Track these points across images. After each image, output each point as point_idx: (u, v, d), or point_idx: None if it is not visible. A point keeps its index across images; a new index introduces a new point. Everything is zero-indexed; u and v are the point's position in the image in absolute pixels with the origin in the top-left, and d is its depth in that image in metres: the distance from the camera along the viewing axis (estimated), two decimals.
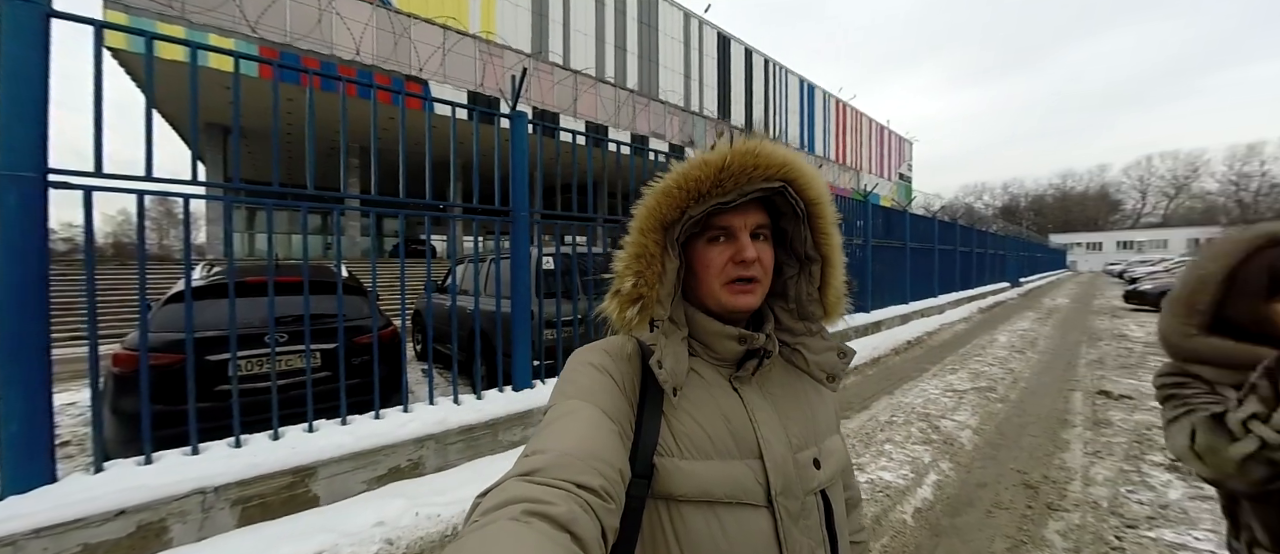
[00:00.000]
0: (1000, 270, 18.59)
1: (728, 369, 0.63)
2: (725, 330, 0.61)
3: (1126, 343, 8.07)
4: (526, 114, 3.33)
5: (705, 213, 0.59)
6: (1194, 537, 2.44)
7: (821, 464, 0.63)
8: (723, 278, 0.61)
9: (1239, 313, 0.85)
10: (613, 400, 0.57)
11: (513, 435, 2.97)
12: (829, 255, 0.65)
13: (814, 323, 0.67)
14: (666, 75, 20.36)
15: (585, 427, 0.52)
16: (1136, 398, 4.90)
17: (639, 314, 0.59)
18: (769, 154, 0.58)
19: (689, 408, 0.59)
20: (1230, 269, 0.87)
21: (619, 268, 0.61)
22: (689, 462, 0.57)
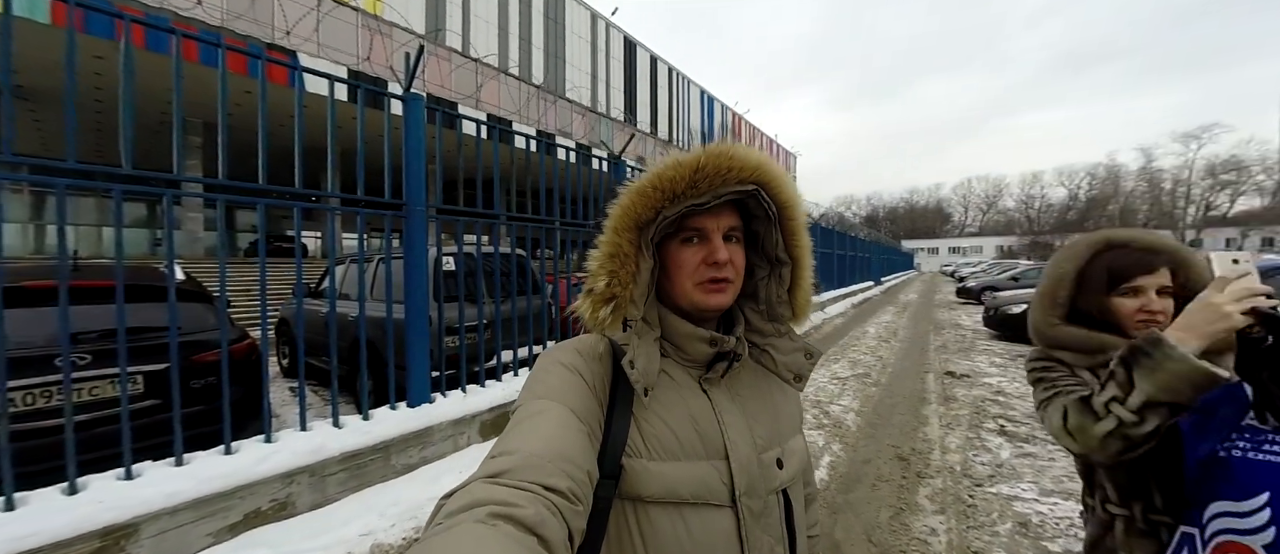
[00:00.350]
0: (866, 271, 21.38)
1: (697, 371, 0.64)
2: (696, 332, 0.62)
3: (961, 330, 9.72)
4: (422, 97, 2.99)
5: (679, 214, 0.59)
6: (1022, 488, 2.96)
7: (784, 464, 0.64)
8: (696, 278, 0.61)
9: (1088, 305, 0.99)
10: (582, 400, 0.57)
11: (409, 457, 2.64)
12: (799, 257, 0.66)
13: (783, 324, 0.68)
14: (573, 73, 20.10)
15: (554, 427, 0.52)
16: (973, 376, 5.89)
17: (612, 314, 0.59)
18: (743, 157, 0.59)
19: (658, 409, 0.60)
20: (1080, 268, 1.01)
21: (592, 267, 0.60)
22: (657, 463, 0.58)
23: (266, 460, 2.11)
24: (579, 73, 20.40)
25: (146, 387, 2.39)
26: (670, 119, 26.55)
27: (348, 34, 12.83)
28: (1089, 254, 1.02)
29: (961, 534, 2.49)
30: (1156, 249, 0.98)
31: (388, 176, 2.80)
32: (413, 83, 2.92)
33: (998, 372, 6.12)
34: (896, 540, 2.44)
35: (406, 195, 2.91)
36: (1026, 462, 3.34)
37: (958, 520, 2.62)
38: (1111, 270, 0.98)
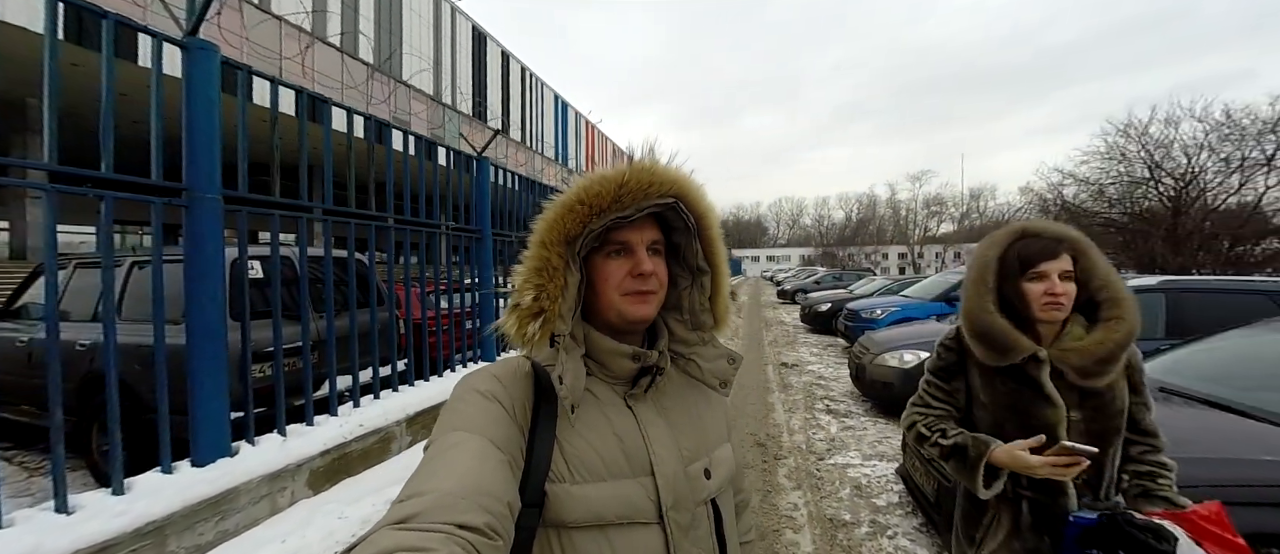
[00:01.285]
0: None
1: (622, 387, 0.64)
2: (620, 349, 0.62)
3: (785, 326, 11.46)
4: (216, 48, 2.25)
5: (603, 228, 0.60)
6: (851, 457, 3.55)
7: (712, 474, 0.65)
8: (622, 289, 0.62)
9: (1007, 290, 1.11)
10: (502, 428, 0.56)
11: (200, 536, 1.93)
12: (717, 266, 0.69)
13: (706, 332, 0.70)
14: (413, 59, 17.94)
15: (470, 460, 0.50)
16: (799, 365, 6.95)
17: (541, 329, 0.58)
18: (663, 172, 0.62)
19: (582, 429, 0.59)
20: (1000, 255, 1.12)
21: (518, 282, 0.60)
22: (580, 486, 0.57)
23: None
24: (420, 59, 18.31)
25: None
26: (523, 120, 25.67)
27: None
28: (1006, 242, 1.13)
29: (817, 505, 2.85)
30: (1060, 238, 1.09)
31: (156, 151, 2.02)
32: (201, 25, 2.17)
33: (816, 360, 7.34)
34: (769, 521, 2.68)
35: (189, 176, 2.15)
36: (850, 434, 4.04)
37: (812, 493, 3.01)
38: (1022, 257, 1.09)
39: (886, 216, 69.72)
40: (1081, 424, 1.07)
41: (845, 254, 60.38)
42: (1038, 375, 1.06)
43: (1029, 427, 1.08)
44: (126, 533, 1.71)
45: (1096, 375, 1.04)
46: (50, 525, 1.61)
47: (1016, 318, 1.10)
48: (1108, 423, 1.07)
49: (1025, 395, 1.08)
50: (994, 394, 1.13)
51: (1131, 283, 4.13)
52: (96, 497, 1.83)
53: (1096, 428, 1.07)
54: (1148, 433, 1.11)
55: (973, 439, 1.10)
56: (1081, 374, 1.04)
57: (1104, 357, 1.03)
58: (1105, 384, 1.05)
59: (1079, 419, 1.07)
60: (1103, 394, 1.06)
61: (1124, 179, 11.57)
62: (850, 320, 7.63)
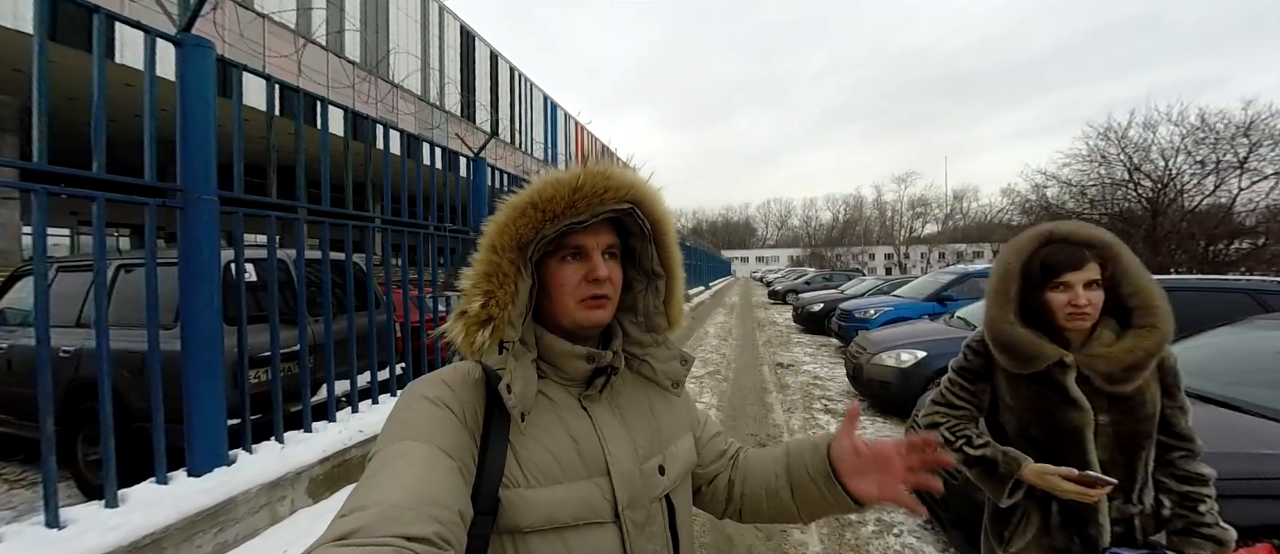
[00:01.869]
0: (698, 277, 23.85)
1: (577, 388, 0.64)
2: (573, 350, 0.62)
3: (778, 327, 11.52)
4: (211, 46, 2.18)
5: (558, 232, 0.59)
6: None
7: (666, 470, 0.66)
8: (577, 295, 0.62)
9: (1031, 299, 1.10)
10: (451, 436, 0.55)
11: (200, 547, 1.87)
12: (672, 270, 0.69)
13: (660, 334, 0.71)
14: (401, 58, 17.71)
15: (417, 470, 0.49)
16: (795, 364, 6.99)
17: (490, 337, 0.57)
18: (619, 177, 0.61)
19: (536, 432, 0.59)
20: (1024, 262, 1.10)
21: (466, 287, 0.59)
22: (535, 490, 0.57)
23: None
24: (408, 58, 18.07)
25: None
26: (512, 121, 25.49)
27: None
28: (1031, 249, 1.10)
29: None
30: (1088, 243, 1.05)
31: (149, 150, 1.95)
32: (195, 22, 2.11)
33: (811, 360, 7.40)
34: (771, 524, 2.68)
35: (184, 178, 2.08)
36: None
37: None
38: (1045, 266, 1.07)
39: (873, 217, 70.68)
40: (1109, 428, 1.06)
41: (833, 255, 61.00)
42: (1064, 380, 1.06)
43: (1055, 430, 1.08)
44: (123, 547, 1.64)
45: (1125, 381, 1.03)
46: (41, 540, 1.54)
47: (1043, 324, 1.10)
48: (1137, 426, 1.06)
49: (1051, 400, 1.08)
50: (1020, 398, 1.13)
51: None
52: (89, 510, 1.76)
53: (1125, 431, 1.06)
54: (1183, 437, 1.10)
55: (1003, 454, 1.11)
56: (1109, 380, 1.04)
57: (1133, 364, 1.02)
58: (1134, 389, 1.05)
59: (1107, 423, 1.06)
60: (1132, 398, 1.05)
61: (1104, 181, 11.87)
62: (844, 320, 7.69)
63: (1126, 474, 1.07)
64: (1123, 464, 1.07)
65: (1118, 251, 1.07)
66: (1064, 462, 1.08)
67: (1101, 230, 1.11)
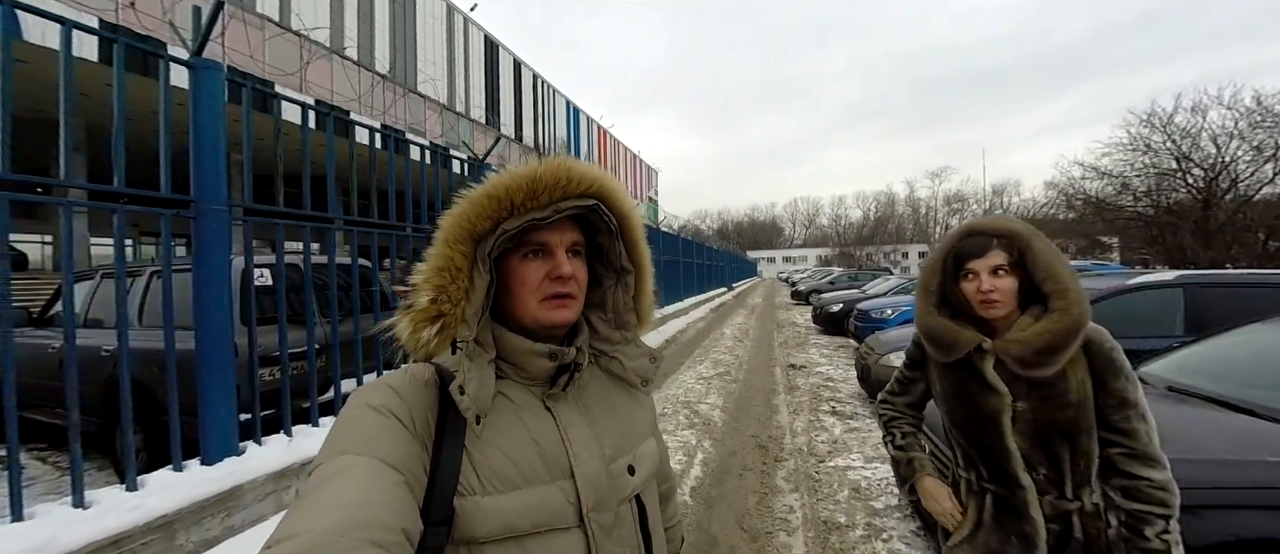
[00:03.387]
0: (721, 277, 23.67)
1: (540, 388, 0.61)
2: (535, 347, 0.59)
3: (797, 327, 11.33)
4: (220, 66, 2.36)
5: (520, 228, 0.57)
6: (853, 459, 3.51)
7: (636, 470, 0.64)
8: (540, 293, 0.59)
9: (948, 292, 1.13)
10: (397, 446, 0.51)
11: (208, 531, 2.03)
12: (641, 265, 0.68)
13: (629, 330, 0.69)
14: (427, 67, 18.34)
15: (356, 488, 0.45)
16: (808, 366, 6.87)
17: (438, 335, 0.55)
18: (580, 171, 0.59)
19: (494, 436, 0.56)
20: (943, 257, 1.13)
21: (416, 282, 0.56)
22: (493, 497, 0.54)
23: None
24: (433, 67, 18.70)
25: None
26: (536, 126, 25.97)
27: None
28: (951, 244, 1.14)
29: (813, 507, 2.83)
30: (995, 233, 1.08)
31: (165, 163, 2.13)
32: (206, 46, 2.29)
33: (826, 361, 7.26)
34: (763, 523, 2.68)
35: (196, 190, 2.26)
36: (853, 436, 3.99)
37: (809, 495, 2.99)
38: (956, 257, 1.11)
39: (906, 215, 68.38)
40: (1028, 414, 1.06)
41: (863, 254, 59.31)
42: (981, 366, 1.08)
43: (976, 416, 1.11)
44: (138, 527, 1.81)
45: (1038, 366, 1.02)
46: (67, 519, 1.71)
47: (969, 316, 1.12)
48: (1057, 414, 1.04)
49: (972, 386, 1.10)
50: (946, 385, 1.17)
51: (1145, 278, 3.99)
52: (112, 492, 1.94)
53: (1043, 418, 1.05)
54: (1119, 431, 1.05)
55: (908, 459, 1.27)
56: (1022, 364, 1.04)
57: (1043, 347, 1.01)
58: (1051, 375, 1.03)
59: (1025, 409, 1.06)
60: (1052, 385, 1.04)
61: (1150, 171, 11.12)
62: (860, 320, 7.52)
63: (1051, 464, 1.06)
64: (1045, 453, 1.07)
65: (1028, 240, 1.08)
66: (984, 446, 1.11)
67: (1013, 220, 1.13)
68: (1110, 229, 13.60)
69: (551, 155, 0.61)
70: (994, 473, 1.11)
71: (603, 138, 35.24)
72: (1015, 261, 1.07)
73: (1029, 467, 1.07)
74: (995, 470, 1.10)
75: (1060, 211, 16.23)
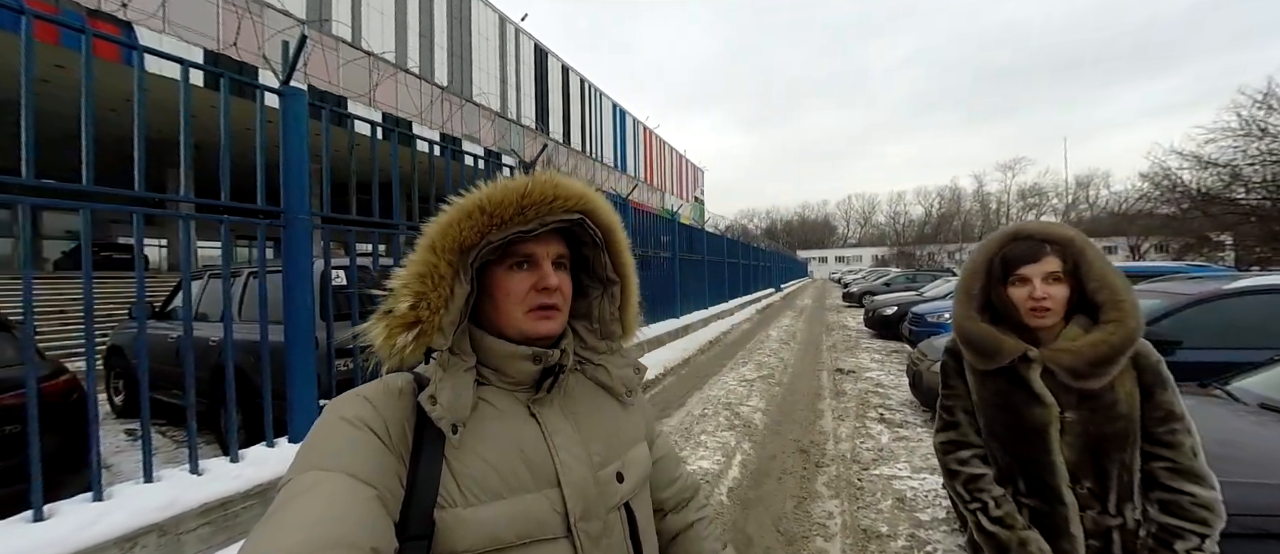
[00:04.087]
0: (768, 278, 23.16)
1: (525, 393, 0.61)
2: (518, 351, 0.59)
3: (847, 331, 10.92)
4: (304, 92, 2.67)
5: (505, 240, 0.57)
6: (899, 468, 3.39)
7: (624, 477, 0.63)
8: (526, 304, 0.59)
9: (995, 296, 1.10)
10: (370, 459, 0.50)
11: None
12: (626, 276, 0.69)
13: (614, 341, 0.70)
14: (481, 77, 19.28)
15: (323, 505, 0.44)
16: (857, 371, 6.64)
17: (414, 341, 0.54)
18: (568, 187, 0.60)
19: (475, 444, 0.55)
20: (988, 259, 1.10)
21: (395, 286, 0.55)
22: (474, 509, 0.52)
23: (95, 524, 1.71)
24: (487, 77, 19.63)
25: None
26: (583, 130, 26.57)
27: (204, 14, 11.06)
28: (997, 247, 1.10)
29: (853, 515, 2.78)
30: (1048, 238, 1.04)
31: (261, 180, 2.45)
32: (293, 75, 2.60)
33: (877, 366, 6.97)
34: (800, 527, 2.66)
35: (286, 202, 2.57)
36: (901, 444, 3.84)
37: (849, 502, 2.93)
38: (1005, 261, 1.08)
39: (973, 211, 63.63)
40: (1078, 426, 1.03)
41: (924, 253, 55.73)
42: (1027, 375, 1.05)
43: (1020, 427, 1.07)
44: (239, 493, 2.10)
45: (1090, 377, 1.00)
46: (185, 483, 2.03)
47: (1012, 322, 1.09)
48: (1107, 426, 1.02)
49: (1017, 396, 1.07)
50: (986, 394, 1.12)
51: (1248, 281, 3.56)
52: (219, 463, 2.26)
53: (1094, 431, 1.02)
54: (1165, 445, 1.02)
55: (1020, 543, 1.02)
56: (1073, 375, 1.01)
57: (1096, 359, 0.99)
58: (1104, 386, 1.01)
59: (1074, 420, 1.03)
60: (1101, 396, 1.01)
61: (1267, 159, 9.72)
62: (915, 324, 7.16)
63: (1098, 479, 1.03)
64: (1092, 467, 1.03)
65: (1082, 246, 1.05)
66: (1027, 459, 1.07)
67: (1066, 226, 1.09)
68: (1218, 225, 11.99)
69: (541, 172, 0.62)
70: (1034, 487, 1.07)
71: (648, 138, 35.43)
72: (1068, 269, 1.04)
73: (1073, 480, 1.03)
74: (1036, 484, 1.06)
75: (1159, 206, 14.50)
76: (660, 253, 8.64)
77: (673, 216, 9.86)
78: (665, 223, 9.31)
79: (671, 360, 6.85)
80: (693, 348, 7.86)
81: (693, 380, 6.27)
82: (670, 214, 10.01)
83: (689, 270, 10.24)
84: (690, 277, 10.31)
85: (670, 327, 8.21)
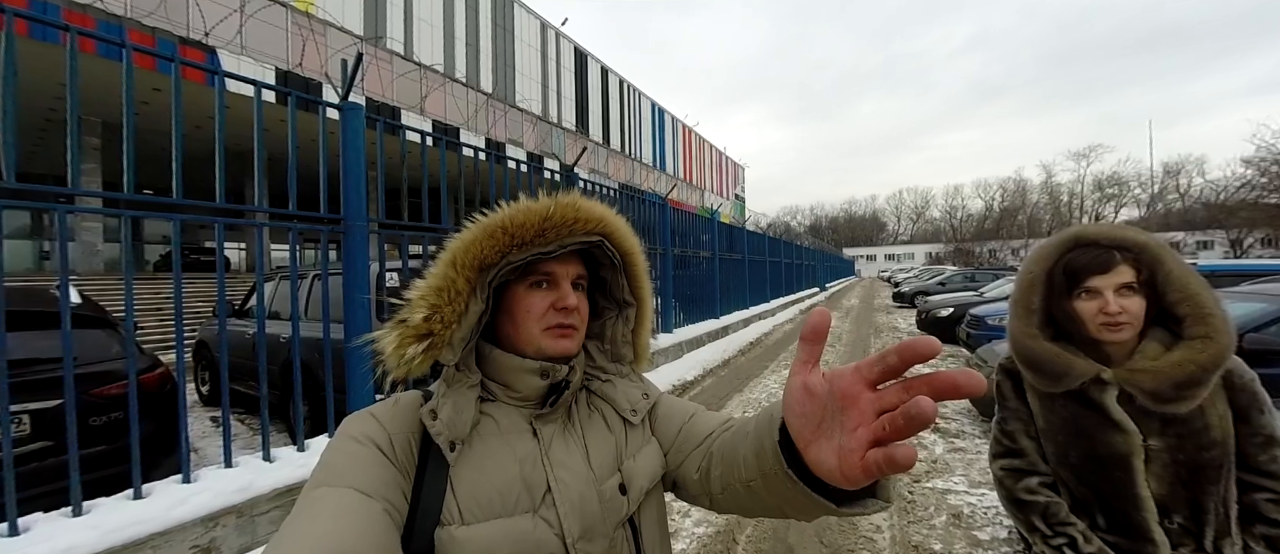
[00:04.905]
0: (812, 277, 22.43)
1: (529, 409, 0.60)
2: (527, 365, 0.59)
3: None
4: (361, 107, 2.85)
5: (525, 260, 0.58)
6: (954, 481, 3.20)
7: (628, 488, 0.61)
8: (544, 323, 0.59)
9: (1056, 309, 0.99)
10: (375, 474, 0.50)
11: None
12: (642, 299, 0.68)
13: (624, 365, 0.69)
14: (523, 83, 19.84)
15: (327, 521, 0.44)
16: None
17: (423, 353, 0.54)
18: (588, 209, 0.60)
19: (476, 461, 0.55)
20: (1048, 270, 0.99)
21: (412, 297, 0.56)
22: (471, 527, 0.52)
23: (185, 503, 1.90)
24: (529, 82, 20.18)
25: (34, 428, 2.09)
26: (622, 130, 26.76)
27: (275, 37, 12.01)
28: (1056, 255, 0.98)
29: (903, 529, 2.65)
30: (1117, 244, 0.94)
31: (324, 189, 2.64)
32: (351, 91, 2.77)
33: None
34: (845, 540, 2.56)
35: (345, 210, 2.75)
36: (958, 456, 3.62)
37: (899, 516, 2.79)
38: (1068, 272, 0.96)
39: (1041, 204, 58.81)
40: (1165, 455, 0.91)
41: (984, 250, 52.07)
42: (1102, 399, 0.94)
43: (1097, 457, 0.96)
44: (304, 480, 2.26)
45: (1175, 401, 0.89)
46: (257, 469, 2.21)
47: (1078, 338, 0.98)
48: (1199, 455, 0.90)
49: (1090, 421, 0.96)
50: (1055, 419, 1.01)
51: None
52: (287, 451, 2.45)
53: (1184, 458, 0.91)
54: (1267, 474, 0.90)
55: None
56: (1156, 399, 0.89)
57: (1183, 381, 0.88)
58: (1190, 410, 0.90)
59: (1161, 448, 0.92)
60: (1189, 421, 0.90)
61: None
62: (973, 328, 6.70)
63: (1191, 514, 0.92)
64: (1185, 500, 0.92)
65: (1158, 253, 0.93)
66: (1107, 492, 0.96)
67: (1137, 230, 0.96)
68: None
69: (563, 194, 0.61)
70: (1116, 522, 0.95)
71: (687, 136, 35.22)
72: (1144, 280, 0.93)
73: (1163, 515, 0.92)
74: (1118, 519, 0.95)
75: (1266, 195, 12.85)
76: (699, 252, 8.57)
77: (712, 215, 9.75)
78: (704, 221, 9.22)
79: (711, 361, 6.77)
80: (733, 349, 7.74)
81: (733, 382, 6.17)
82: (709, 213, 9.90)
83: (729, 270, 10.08)
84: (730, 276, 10.16)
85: (709, 327, 8.12)
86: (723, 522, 2.73)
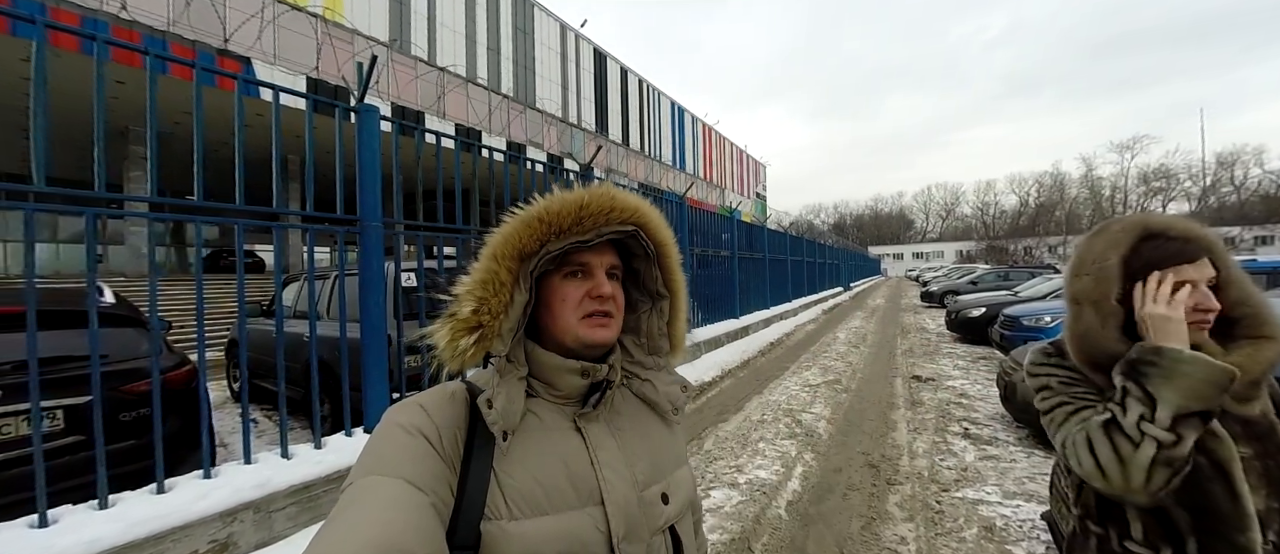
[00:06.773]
0: (836, 277, 21.94)
1: (572, 407, 0.61)
2: (567, 364, 0.60)
3: (926, 334, 10.05)
4: (377, 108, 2.88)
5: (562, 250, 0.59)
6: (987, 491, 3.04)
7: (670, 499, 0.62)
8: (580, 312, 0.60)
9: (1132, 303, 0.85)
10: (424, 465, 0.51)
11: None
12: (676, 291, 0.69)
13: (661, 357, 0.70)
14: (543, 84, 20.02)
15: (377, 512, 0.45)
16: (937, 379, 6.07)
17: (475, 345, 0.56)
18: (624, 199, 0.61)
19: (522, 457, 0.55)
20: (1125, 257, 0.86)
21: (460, 292, 0.57)
22: (519, 522, 0.52)
23: (205, 498, 1.95)
24: (549, 84, 20.35)
25: (67, 422, 2.18)
26: (641, 130, 26.73)
27: (303, 45, 12.41)
28: (1128, 246, 0.86)
29: (930, 541, 2.52)
30: (1193, 237, 0.86)
31: (340, 191, 2.68)
32: (366, 93, 2.81)
33: (960, 374, 6.33)
34: (867, 551, 2.45)
35: (361, 210, 2.79)
36: (990, 464, 3.44)
37: (926, 527, 2.66)
38: (1153, 262, 0.84)
39: (1081, 198, 56.03)
40: (1256, 463, 0.82)
41: (1019, 247, 49.94)
42: None
43: (1193, 466, 0.81)
44: (320, 477, 2.30)
45: (1248, 399, 0.83)
46: (276, 466, 2.25)
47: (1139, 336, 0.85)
48: None
49: None
50: None
51: None
52: (305, 449, 2.49)
53: (1275, 466, 0.82)
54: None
55: None
56: (1237, 398, 0.83)
57: (1256, 378, 0.83)
58: (1260, 413, 0.84)
59: (1251, 456, 0.82)
60: (1259, 424, 0.83)
61: None
62: (1007, 329, 6.40)
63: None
64: (1278, 512, 0.82)
65: (1224, 252, 0.87)
66: (1203, 509, 0.82)
67: (1203, 226, 0.89)
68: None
69: (598, 183, 0.63)
70: (1209, 546, 0.81)
71: (707, 135, 34.94)
72: (1220, 278, 0.86)
73: (1262, 529, 0.80)
74: (1213, 543, 0.81)
75: None
76: (719, 251, 8.45)
77: (732, 213, 9.61)
78: (724, 220, 9.09)
79: (730, 362, 6.67)
80: (753, 350, 7.60)
81: (752, 384, 6.05)
82: (729, 211, 9.76)
83: (749, 269, 9.92)
84: (750, 275, 9.99)
85: (729, 327, 7.99)
86: (738, 529, 2.65)
